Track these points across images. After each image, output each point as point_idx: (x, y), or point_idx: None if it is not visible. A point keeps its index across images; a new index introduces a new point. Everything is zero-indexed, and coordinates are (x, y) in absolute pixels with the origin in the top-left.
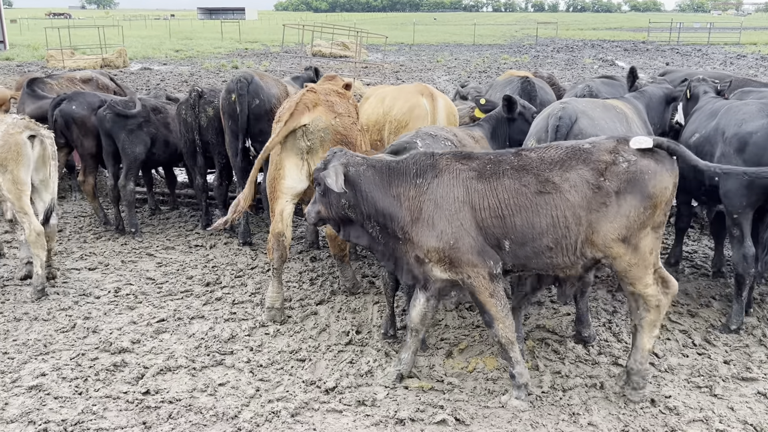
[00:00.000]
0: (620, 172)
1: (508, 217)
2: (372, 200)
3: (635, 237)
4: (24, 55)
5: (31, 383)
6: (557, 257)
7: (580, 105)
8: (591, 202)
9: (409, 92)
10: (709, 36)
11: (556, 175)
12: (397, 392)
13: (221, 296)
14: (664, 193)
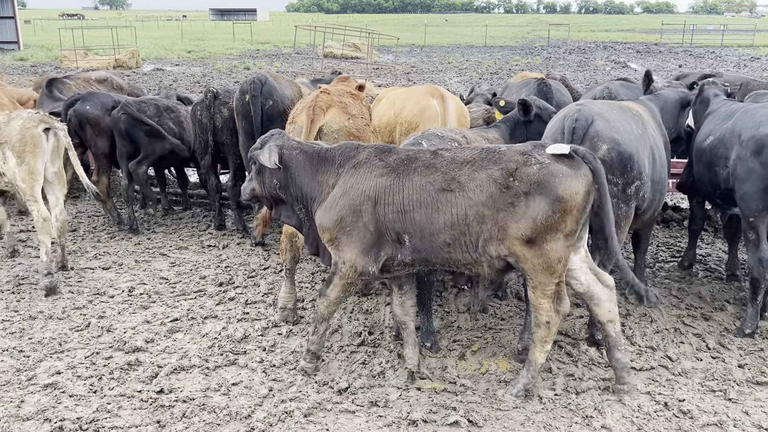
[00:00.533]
0: (531, 174)
1: (409, 212)
2: (299, 183)
3: (541, 239)
4: (38, 56)
5: (47, 381)
6: (454, 253)
7: (596, 107)
8: (498, 201)
9: (420, 94)
10: (723, 38)
11: (464, 174)
12: (410, 393)
13: (234, 296)
14: (575, 198)
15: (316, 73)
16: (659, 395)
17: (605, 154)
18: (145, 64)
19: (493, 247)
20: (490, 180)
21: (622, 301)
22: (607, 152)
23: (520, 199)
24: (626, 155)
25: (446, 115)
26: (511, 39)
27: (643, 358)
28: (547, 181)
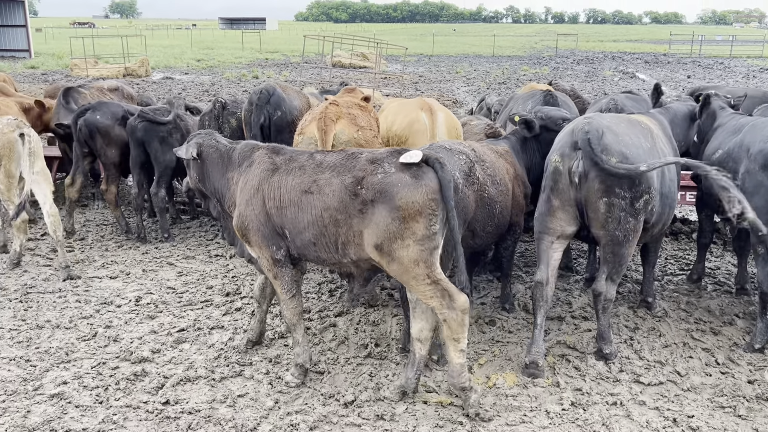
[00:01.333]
0: (375, 183)
1: (284, 209)
2: (213, 179)
3: (389, 246)
4: (49, 64)
5: (53, 391)
6: (320, 252)
7: (604, 120)
8: (349, 207)
9: (410, 107)
10: (732, 49)
11: (324, 179)
12: (417, 407)
13: (241, 306)
14: (412, 206)
15: (325, 83)
16: (668, 411)
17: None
18: (154, 73)
19: (352, 250)
20: (343, 186)
21: (630, 314)
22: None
23: (367, 207)
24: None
25: (435, 128)
26: (519, 49)
27: (651, 373)
28: (386, 190)
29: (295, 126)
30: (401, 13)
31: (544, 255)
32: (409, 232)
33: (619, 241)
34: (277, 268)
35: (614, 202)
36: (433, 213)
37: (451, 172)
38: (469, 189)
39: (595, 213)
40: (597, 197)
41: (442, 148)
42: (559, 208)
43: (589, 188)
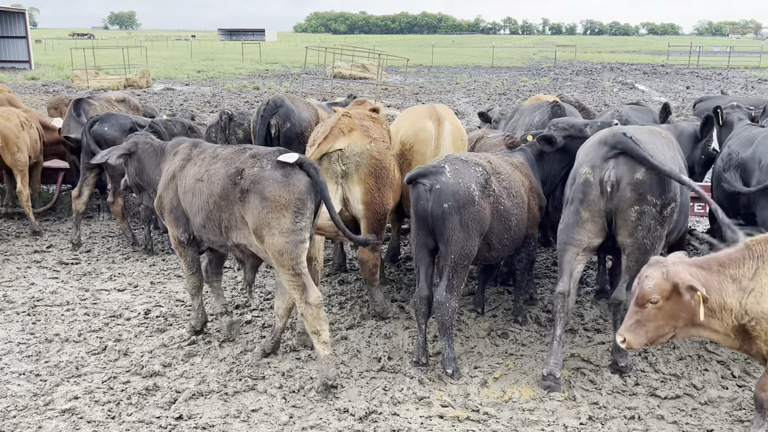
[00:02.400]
0: (251, 174)
1: (185, 195)
2: (149, 171)
3: (260, 232)
4: (49, 75)
5: (64, 406)
6: (209, 234)
7: (630, 131)
8: (230, 194)
9: (418, 115)
10: (729, 60)
11: (213, 169)
12: (433, 422)
13: (251, 319)
14: (279, 200)
15: (326, 94)
16: (687, 425)
17: (644, 176)
18: (155, 84)
19: (234, 234)
20: (226, 176)
21: None
22: (646, 174)
23: (245, 195)
24: (664, 177)
25: (440, 137)
26: (518, 60)
27: (667, 386)
28: (259, 182)
29: (304, 137)
30: (400, 24)
31: (568, 267)
32: (275, 222)
33: (646, 249)
34: (181, 247)
35: (645, 209)
36: (298, 211)
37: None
38: (485, 201)
39: (625, 221)
40: (629, 205)
41: (459, 159)
42: (589, 219)
43: (621, 197)
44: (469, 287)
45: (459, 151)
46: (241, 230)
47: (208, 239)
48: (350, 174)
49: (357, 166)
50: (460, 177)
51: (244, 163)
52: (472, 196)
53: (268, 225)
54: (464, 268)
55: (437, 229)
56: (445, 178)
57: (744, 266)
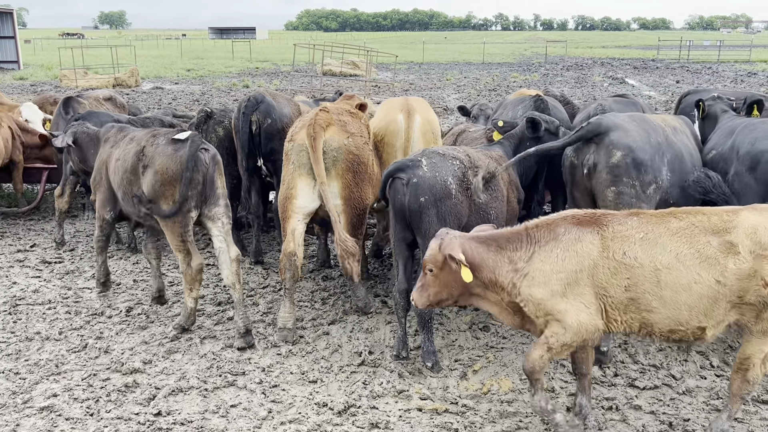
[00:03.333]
0: (149, 151)
1: (113, 175)
2: (88, 158)
3: (156, 202)
4: (38, 75)
5: (43, 404)
6: (127, 206)
7: (616, 118)
8: (136, 169)
9: (391, 107)
10: (719, 54)
11: (123, 148)
12: (411, 414)
13: (233, 316)
14: (167, 172)
15: (315, 91)
16: (664, 414)
17: (620, 160)
18: (144, 83)
19: (142, 205)
20: (134, 153)
21: None
22: (622, 158)
23: (145, 169)
24: (639, 161)
25: (410, 130)
26: (509, 56)
27: (646, 377)
28: (153, 158)
29: (285, 133)
30: (391, 21)
31: None
32: (167, 192)
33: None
34: (102, 221)
35: (623, 190)
36: (165, 182)
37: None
38: (462, 195)
39: (604, 201)
40: (605, 186)
41: (436, 153)
42: (580, 198)
43: (598, 179)
44: None
45: (429, 143)
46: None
47: (128, 211)
48: (328, 169)
49: (334, 162)
50: (437, 170)
51: (147, 142)
52: (449, 190)
53: (162, 195)
54: None
55: (414, 222)
56: (422, 171)
57: (521, 249)
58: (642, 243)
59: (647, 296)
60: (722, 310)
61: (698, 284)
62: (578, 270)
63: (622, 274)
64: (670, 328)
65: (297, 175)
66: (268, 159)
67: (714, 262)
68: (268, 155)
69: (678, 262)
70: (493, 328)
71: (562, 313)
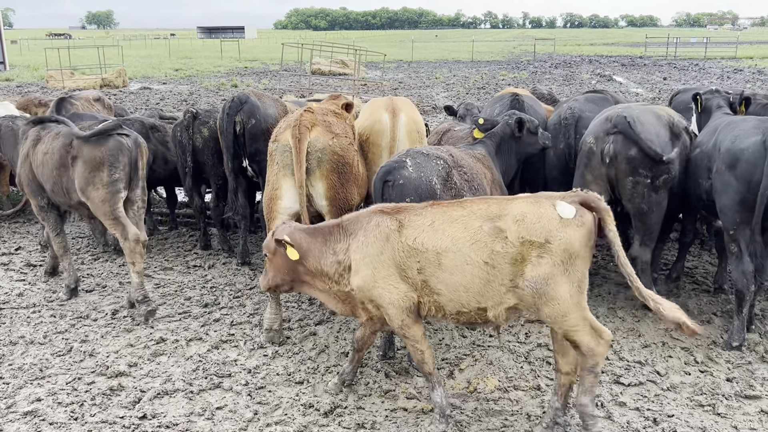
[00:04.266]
0: (76, 144)
1: (38, 168)
2: (10, 152)
3: (85, 189)
4: (24, 76)
5: (27, 409)
6: (57, 197)
7: (635, 111)
8: (65, 162)
9: (376, 107)
10: (706, 50)
11: (55, 144)
12: (397, 414)
13: (219, 317)
14: (95, 160)
15: (305, 91)
16: (648, 411)
17: (636, 153)
18: (132, 83)
19: (73, 195)
20: (61, 148)
21: (610, 315)
22: (638, 151)
23: (74, 161)
24: (653, 153)
25: (395, 129)
26: (498, 54)
27: (631, 374)
28: (82, 150)
29: (270, 134)
30: (380, 20)
31: None
32: (97, 179)
33: (644, 212)
34: (43, 212)
35: (639, 180)
36: (112, 166)
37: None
38: (446, 194)
39: (624, 189)
40: (624, 176)
41: (420, 153)
42: (592, 182)
43: (618, 168)
44: None
45: (414, 142)
46: (76, 191)
47: (57, 201)
48: (312, 170)
49: (319, 162)
50: (421, 171)
51: (71, 138)
52: (433, 190)
53: (92, 182)
54: None
55: None
56: (407, 172)
57: (341, 241)
58: (429, 229)
59: (434, 279)
60: (497, 292)
61: (469, 265)
62: (380, 253)
63: (414, 257)
64: (456, 309)
65: (282, 176)
66: (254, 160)
67: (482, 245)
68: (253, 156)
69: (453, 245)
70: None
71: (380, 297)
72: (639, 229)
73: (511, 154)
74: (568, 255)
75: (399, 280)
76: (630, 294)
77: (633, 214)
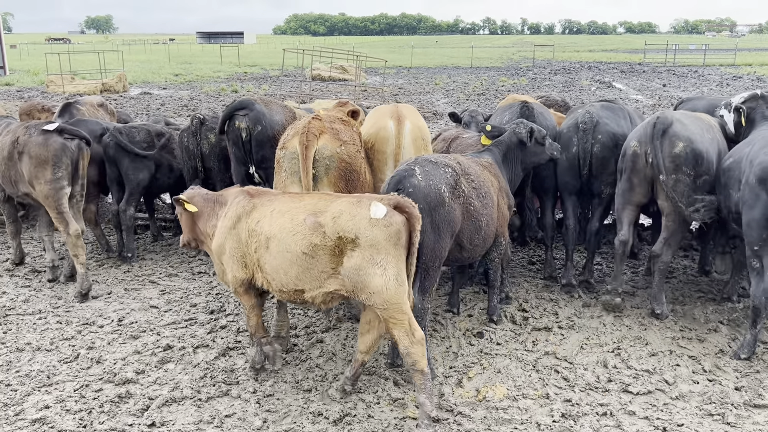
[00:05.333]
0: (23, 141)
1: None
2: None
3: (33, 182)
4: (24, 81)
5: (35, 416)
6: (7, 188)
7: (676, 114)
8: (13, 156)
9: (381, 114)
10: (705, 57)
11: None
12: (406, 423)
13: (226, 324)
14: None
15: (305, 96)
16: (657, 420)
17: (681, 150)
18: (132, 88)
19: (21, 186)
20: (9, 144)
21: (616, 323)
22: (683, 149)
23: (21, 156)
24: (697, 152)
25: (401, 136)
26: (497, 60)
27: (639, 382)
28: (28, 146)
29: (276, 140)
30: (379, 25)
31: (627, 220)
32: (41, 175)
33: (680, 211)
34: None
35: (680, 178)
36: (56, 165)
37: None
38: (455, 202)
39: (665, 188)
40: (666, 174)
41: (428, 161)
42: (637, 185)
43: (660, 168)
44: (445, 288)
45: (419, 149)
46: (23, 182)
47: (9, 193)
48: (320, 177)
49: (327, 169)
50: (430, 179)
51: (20, 133)
52: (442, 198)
53: (36, 177)
54: (435, 270)
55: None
56: (416, 180)
57: (220, 209)
58: (268, 216)
59: (263, 260)
60: (318, 278)
61: (289, 253)
62: (232, 227)
63: (253, 238)
64: (278, 288)
65: (290, 183)
66: (260, 166)
67: (302, 237)
68: (260, 163)
69: (279, 233)
70: (487, 334)
71: (225, 264)
72: (667, 228)
73: (517, 163)
74: (376, 250)
75: (240, 255)
76: (636, 302)
77: (666, 213)
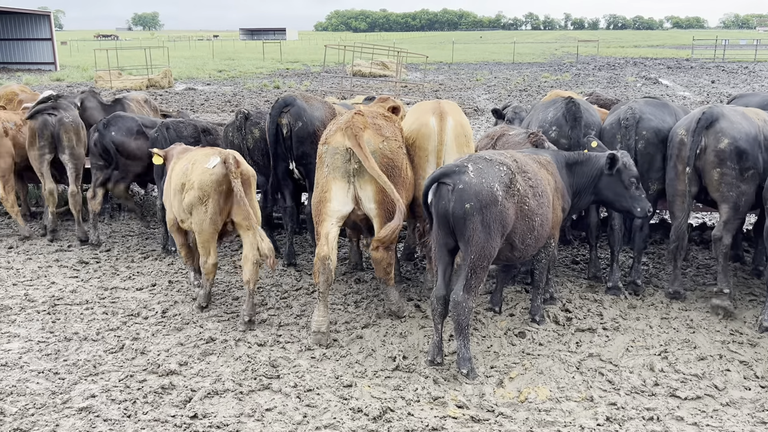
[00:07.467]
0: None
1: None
2: None
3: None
4: (74, 76)
5: (82, 405)
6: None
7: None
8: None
9: (423, 110)
10: (756, 53)
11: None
12: (447, 422)
13: (267, 318)
14: (30, 132)
15: (345, 92)
16: (707, 426)
17: (726, 146)
18: (177, 84)
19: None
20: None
21: (663, 325)
22: (728, 145)
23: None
24: (741, 148)
25: (443, 133)
26: (539, 56)
27: (688, 387)
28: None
29: (317, 136)
30: (420, 21)
31: (680, 212)
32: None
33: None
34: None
35: (726, 171)
36: (40, 136)
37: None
38: (508, 201)
39: (711, 180)
40: (712, 167)
41: (482, 158)
42: (681, 172)
43: (706, 160)
44: (487, 286)
45: (462, 146)
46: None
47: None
48: (362, 173)
49: None
50: (483, 177)
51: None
52: (495, 196)
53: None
54: (483, 269)
55: (458, 229)
56: (468, 177)
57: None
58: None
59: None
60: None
61: (174, 192)
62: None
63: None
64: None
65: (331, 179)
66: (300, 162)
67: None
68: (299, 158)
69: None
70: (529, 334)
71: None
72: (724, 213)
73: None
74: (203, 192)
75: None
76: (684, 305)
77: (719, 201)
